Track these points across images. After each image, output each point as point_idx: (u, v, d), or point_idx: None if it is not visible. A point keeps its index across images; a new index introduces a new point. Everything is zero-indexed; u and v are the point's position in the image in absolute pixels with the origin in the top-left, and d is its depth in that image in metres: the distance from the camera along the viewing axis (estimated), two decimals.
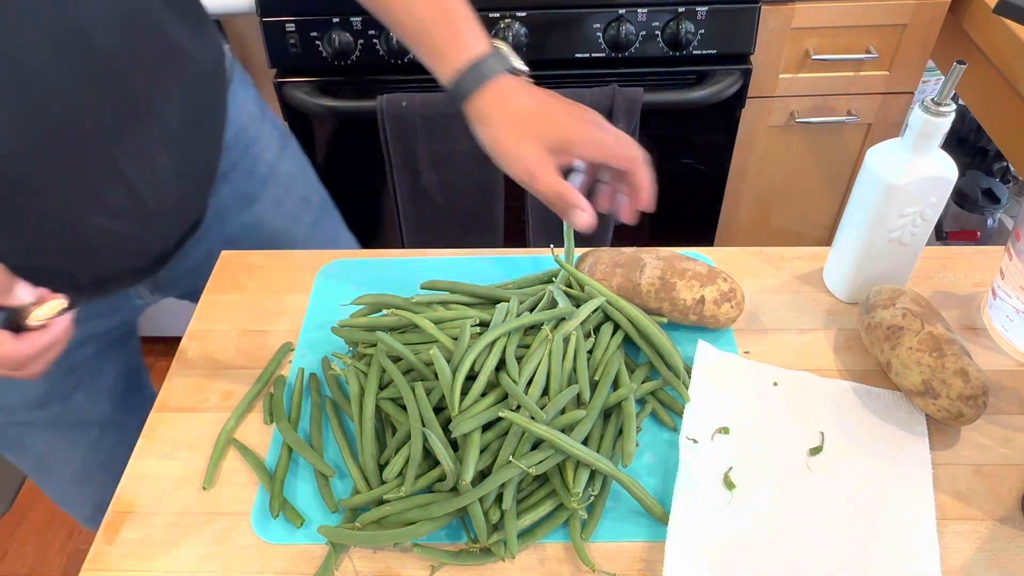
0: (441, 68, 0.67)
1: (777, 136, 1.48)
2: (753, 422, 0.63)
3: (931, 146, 0.62)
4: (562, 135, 0.64)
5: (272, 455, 0.63)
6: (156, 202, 0.71)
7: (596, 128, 0.65)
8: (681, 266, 0.69)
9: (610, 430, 0.61)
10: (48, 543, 1.63)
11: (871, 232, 0.67)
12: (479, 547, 0.55)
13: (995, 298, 0.69)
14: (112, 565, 0.58)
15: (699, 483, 0.59)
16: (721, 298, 0.67)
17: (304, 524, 0.58)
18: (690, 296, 0.67)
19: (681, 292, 0.68)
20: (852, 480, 0.59)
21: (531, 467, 0.55)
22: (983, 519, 0.57)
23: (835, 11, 1.30)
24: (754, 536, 0.56)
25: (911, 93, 1.43)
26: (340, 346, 0.70)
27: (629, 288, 0.69)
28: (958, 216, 1.66)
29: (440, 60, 0.67)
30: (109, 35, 0.62)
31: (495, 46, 0.67)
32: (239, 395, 0.67)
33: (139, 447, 0.65)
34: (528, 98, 0.65)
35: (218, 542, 0.58)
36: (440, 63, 0.67)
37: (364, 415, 0.61)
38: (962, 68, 0.58)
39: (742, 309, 0.69)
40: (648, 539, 0.57)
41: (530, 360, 0.60)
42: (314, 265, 0.79)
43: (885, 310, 0.65)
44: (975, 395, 0.58)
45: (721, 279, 0.68)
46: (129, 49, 0.64)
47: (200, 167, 0.78)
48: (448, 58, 0.66)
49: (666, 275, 0.68)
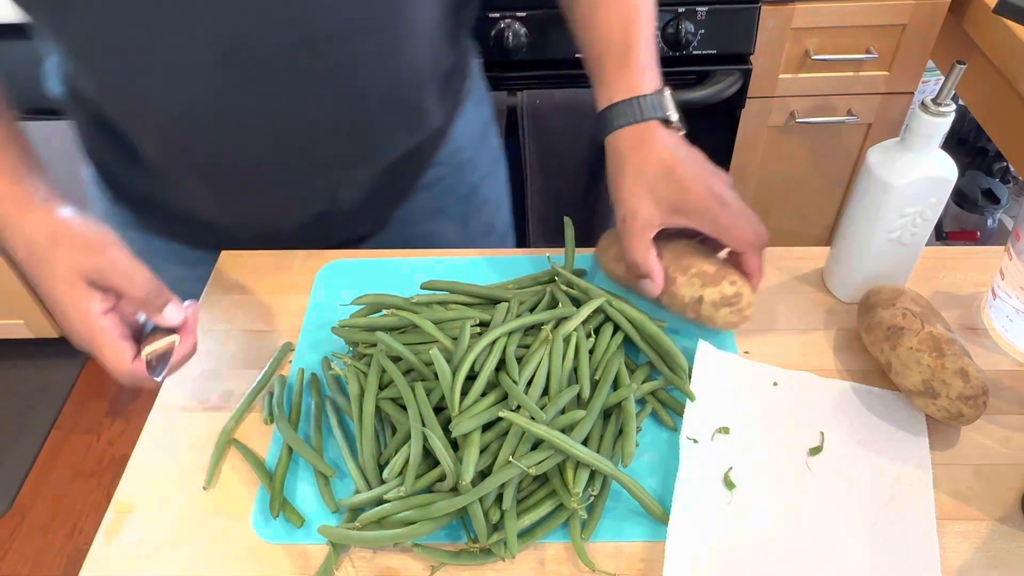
0: (601, 93, 0.67)
1: (777, 136, 1.49)
2: (753, 422, 0.63)
3: (931, 146, 0.62)
4: (679, 202, 0.63)
5: (272, 455, 0.63)
6: (349, 203, 0.78)
7: (716, 203, 0.63)
8: (688, 260, 0.66)
9: (610, 430, 0.61)
10: (48, 543, 1.63)
11: (871, 232, 0.67)
12: (479, 547, 0.55)
13: (995, 298, 0.69)
14: (112, 565, 0.58)
15: (699, 483, 0.59)
16: (721, 301, 0.65)
17: (304, 524, 0.58)
18: (688, 294, 0.66)
19: (680, 288, 0.66)
20: (852, 480, 0.59)
21: (531, 467, 0.55)
22: (983, 519, 0.57)
23: (835, 11, 1.30)
24: (754, 536, 0.56)
25: (911, 93, 1.43)
26: (340, 346, 0.70)
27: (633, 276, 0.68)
28: (958, 216, 1.66)
29: (603, 86, 0.67)
30: (373, 103, 0.69)
31: (659, 89, 0.66)
32: (239, 395, 0.67)
33: (139, 447, 0.65)
34: (664, 151, 0.64)
35: (218, 542, 0.58)
36: (602, 89, 0.67)
37: (364, 415, 0.61)
38: (962, 68, 0.58)
39: (745, 316, 0.66)
40: (648, 539, 0.57)
41: (530, 360, 0.60)
42: (314, 265, 0.79)
43: (885, 310, 0.65)
44: (975, 395, 0.58)
45: (728, 281, 0.65)
46: (386, 117, 0.71)
47: (403, 183, 0.83)
48: (610, 87, 0.66)
49: (669, 268, 0.66)
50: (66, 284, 0.55)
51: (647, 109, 0.65)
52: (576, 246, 0.74)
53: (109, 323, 0.56)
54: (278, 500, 0.59)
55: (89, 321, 0.56)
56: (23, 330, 1.86)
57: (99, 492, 1.72)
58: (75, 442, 1.82)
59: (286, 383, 0.68)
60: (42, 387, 1.94)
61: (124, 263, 0.56)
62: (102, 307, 0.56)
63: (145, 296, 0.56)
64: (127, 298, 0.57)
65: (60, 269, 0.55)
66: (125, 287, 0.56)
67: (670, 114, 0.65)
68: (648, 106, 0.65)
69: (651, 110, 0.65)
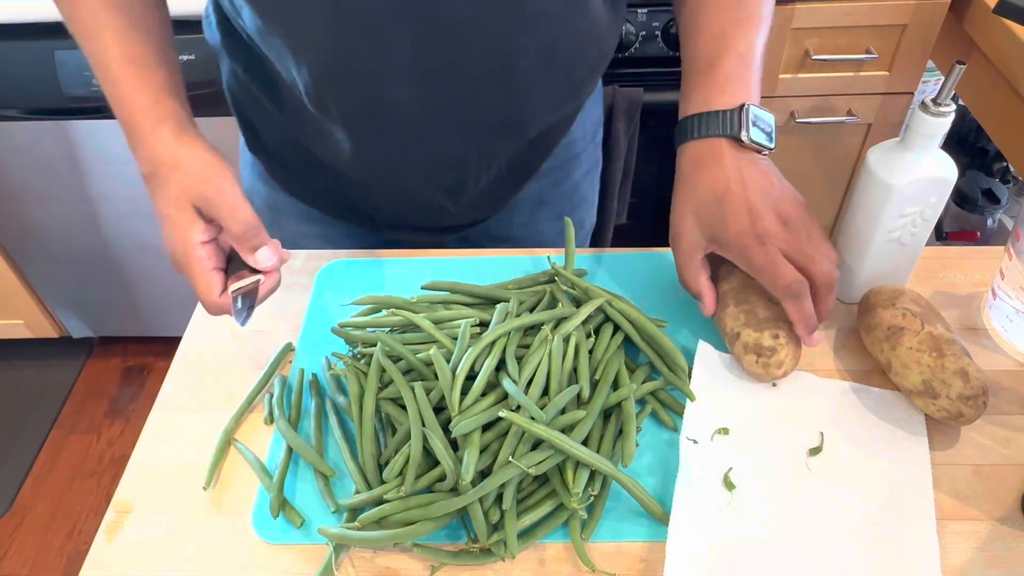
0: (684, 103, 0.65)
1: (777, 136, 1.48)
2: (753, 422, 0.63)
3: (931, 146, 0.62)
4: (718, 232, 0.61)
5: (272, 455, 0.63)
6: (480, 180, 0.78)
7: (753, 241, 0.59)
8: (749, 295, 0.65)
9: (610, 430, 0.61)
10: (48, 543, 1.63)
11: (871, 232, 0.67)
12: (479, 547, 0.55)
13: (995, 298, 0.69)
14: (112, 565, 0.58)
15: (699, 483, 0.59)
16: (754, 348, 0.63)
17: (304, 524, 0.58)
18: (731, 327, 0.65)
19: (727, 318, 0.65)
20: (852, 480, 0.59)
21: (531, 467, 0.55)
22: (983, 519, 0.57)
23: (835, 11, 1.30)
24: (754, 536, 0.56)
25: (911, 93, 1.43)
26: (340, 346, 0.70)
27: None
28: (958, 216, 1.66)
29: (682, 97, 0.65)
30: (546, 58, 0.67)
31: (740, 105, 0.62)
32: (239, 395, 0.67)
33: (139, 447, 0.65)
34: (721, 173, 0.61)
35: (218, 542, 0.58)
36: (681, 99, 0.66)
37: (364, 415, 0.61)
38: (962, 68, 0.58)
39: (773, 375, 0.63)
40: (648, 539, 0.57)
41: (530, 360, 0.60)
42: (314, 265, 0.79)
43: (885, 310, 0.65)
44: (975, 395, 0.58)
45: (771, 333, 0.62)
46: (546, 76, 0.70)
47: (532, 163, 0.83)
48: (687, 99, 0.65)
49: (729, 294, 0.66)
50: (175, 207, 0.58)
51: (715, 125, 0.62)
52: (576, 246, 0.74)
53: (205, 253, 0.59)
54: (278, 500, 0.59)
55: (188, 247, 0.58)
56: (23, 330, 1.86)
57: (99, 492, 1.72)
58: (75, 442, 1.82)
59: (286, 383, 0.68)
60: (42, 387, 1.94)
61: (231, 196, 0.58)
62: (203, 237, 0.58)
63: (243, 232, 0.58)
64: (226, 231, 0.59)
65: (173, 191, 0.58)
66: (226, 219, 0.58)
67: (743, 133, 0.61)
68: (718, 122, 0.62)
69: (720, 127, 0.61)
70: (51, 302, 1.81)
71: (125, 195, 1.54)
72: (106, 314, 1.85)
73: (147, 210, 1.56)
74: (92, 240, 1.63)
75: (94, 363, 1.99)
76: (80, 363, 1.99)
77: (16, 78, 1.35)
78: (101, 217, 1.59)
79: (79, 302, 1.81)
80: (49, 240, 1.64)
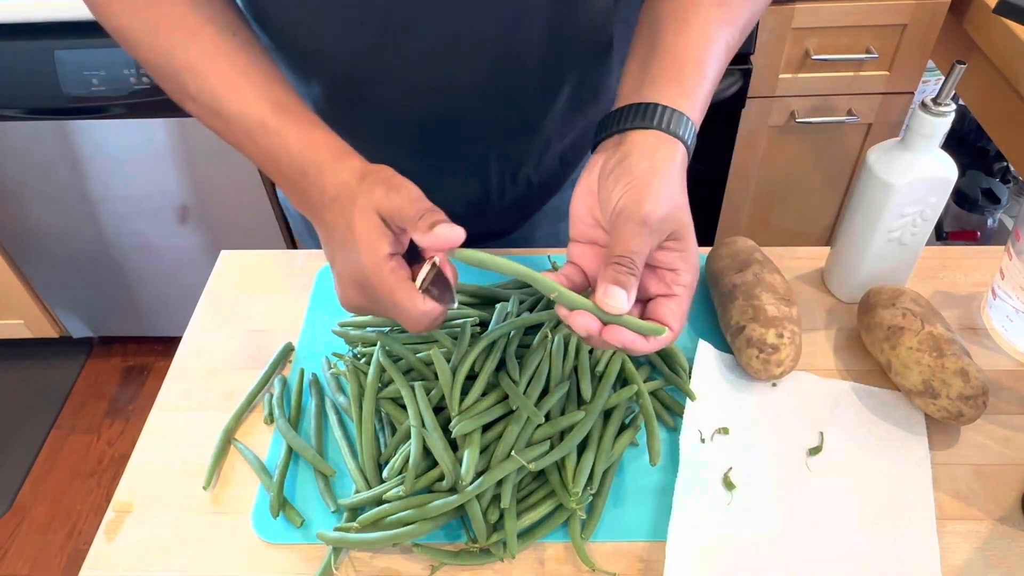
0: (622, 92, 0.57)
1: (777, 136, 1.49)
2: (753, 422, 0.63)
3: (931, 146, 0.62)
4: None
5: (272, 455, 0.63)
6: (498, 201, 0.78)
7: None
8: (760, 291, 0.65)
9: (610, 430, 0.61)
10: (48, 543, 1.63)
11: (871, 232, 0.67)
12: (479, 547, 0.55)
13: (995, 298, 0.69)
14: (112, 565, 0.58)
15: (699, 483, 0.59)
16: (757, 342, 0.63)
17: (304, 524, 0.58)
18: (735, 318, 0.65)
19: (734, 311, 0.66)
20: (852, 480, 0.59)
21: (530, 462, 0.55)
22: (983, 519, 0.57)
23: (835, 11, 1.30)
24: (754, 536, 0.56)
25: (911, 93, 1.43)
26: (340, 346, 0.70)
27: None
28: (958, 216, 1.66)
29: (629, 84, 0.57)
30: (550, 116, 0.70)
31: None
32: (239, 395, 0.67)
33: (139, 447, 0.65)
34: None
35: (218, 542, 0.58)
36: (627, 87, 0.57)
37: (364, 415, 0.61)
38: (962, 68, 0.58)
39: (772, 373, 0.63)
40: (648, 539, 0.57)
41: (530, 360, 0.60)
42: (314, 265, 0.79)
43: (885, 310, 0.65)
44: (975, 395, 0.58)
45: (777, 331, 0.63)
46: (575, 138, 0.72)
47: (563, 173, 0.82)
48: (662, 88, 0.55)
49: (739, 288, 0.66)
50: (361, 218, 0.52)
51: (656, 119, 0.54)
52: None
53: (396, 263, 0.53)
54: (278, 500, 0.59)
55: (378, 262, 0.52)
56: (23, 330, 1.86)
57: (99, 492, 1.72)
58: (75, 442, 1.82)
59: (286, 383, 0.68)
60: (42, 387, 1.94)
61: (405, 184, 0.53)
62: (390, 249, 0.52)
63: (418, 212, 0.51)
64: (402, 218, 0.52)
65: (359, 203, 0.52)
66: (404, 206, 0.52)
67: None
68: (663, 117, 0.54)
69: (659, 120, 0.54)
70: (51, 302, 1.81)
71: (125, 195, 1.54)
72: (106, 314, 1.85)
73: (147, 210, 1.57)
74: (92, 240, 1.63)
75: (94, 363, 1.98)
76: (80, 363, 1.99)
77: (16, 78, 1.35)
78: (101, 217, 1.59)
79: (79, 302, 1.81)
80: (49, 240, 1.64)
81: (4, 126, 1.41)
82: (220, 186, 1.53)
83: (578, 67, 0.70)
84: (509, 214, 0.83)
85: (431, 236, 0.50)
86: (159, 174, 1.50)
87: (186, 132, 1.43)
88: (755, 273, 0.67)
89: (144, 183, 1.52)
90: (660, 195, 0.49)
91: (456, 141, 0.71)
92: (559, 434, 0.58)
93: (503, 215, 0.83)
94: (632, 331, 0.48)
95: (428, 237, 0.50)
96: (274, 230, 1.61)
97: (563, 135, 0.76)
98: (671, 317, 0.50)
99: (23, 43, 1.31)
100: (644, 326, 0.48)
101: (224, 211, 1.58)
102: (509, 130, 0.72)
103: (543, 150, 0.76)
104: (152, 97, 1.36)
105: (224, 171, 1.49)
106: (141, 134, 1.43)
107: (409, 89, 0.65)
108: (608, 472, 0.59)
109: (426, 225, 0.51)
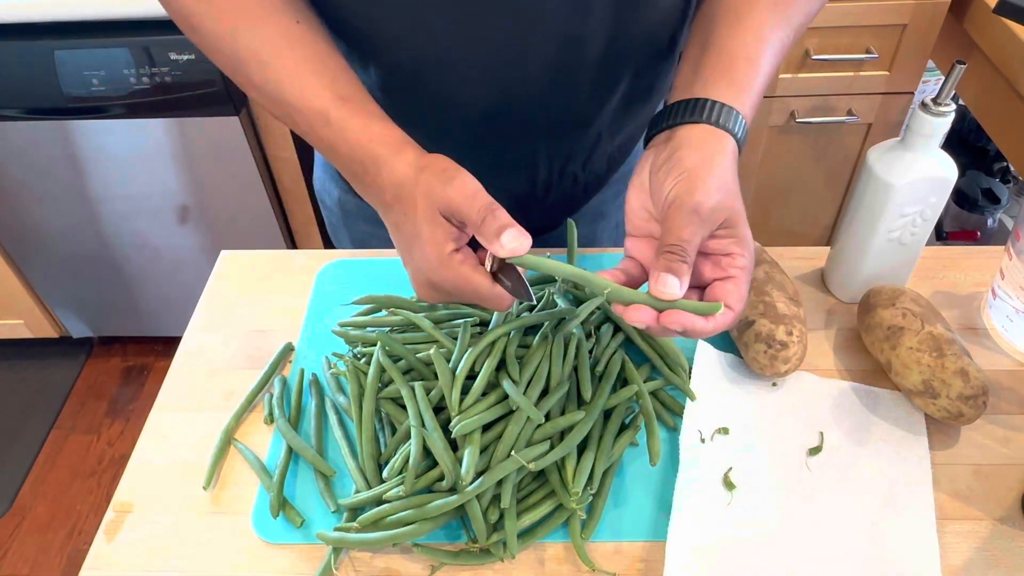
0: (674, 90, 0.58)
1: (777, 136, 1.49)
2: (753, 422, 0.63)
3: (931, 146, 0.62)
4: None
5: (272, 455, 0.63)
6: (544, 196, 0.78)
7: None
8: (771, 288, 0.65)
9: (610, 430, 0.61)
10: (48, 543, 1.63)
11: (871, 232, 0.67)
12: (479, 547, 0.55)
13: (995, 298, 0.69)
14: (112, 565, 0.58)
15: (699, 483, 0.59)
16: (766, 338, 0.63)
17: (304, 524, 0.58)
18: (747, 313, 0.65)
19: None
20: (852, 480, 0.59)
21: (530, 462, 0.55)
22: (983, 519, 0.57)
23: (835, 11, 1.30)
24: (754, 536, 0.56)
25: (911, 93, 1.43)
26: (340, 346, 0.70)
27: None
28: (958, 216, 1.66)
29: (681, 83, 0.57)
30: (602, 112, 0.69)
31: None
32: (239, 395, 0.67)
33: (139, 447, 0.65)
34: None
35: (218, 542, 0.58)
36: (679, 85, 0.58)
37: (364, 415, 0.61)
38: (962, 68, 0.58)
39: (779, 370, 0.63)
40: (648, 539, 0.57)
41: (530, 360, 0.60)
42: (314, 265, 0.79)
43: (885, 310, 0.65)
44: (975, 395, 0.58)
45: (786, 329, 0.62)
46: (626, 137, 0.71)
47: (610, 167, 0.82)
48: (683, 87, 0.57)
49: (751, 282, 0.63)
50: (424, 216, 0.53)
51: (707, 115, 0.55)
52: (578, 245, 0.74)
53: (462, 256, 0.53)
54: (278, 500, 0.59)
55: (443, 257, 0.53)
56: (23, 330, 1.86)
57: (99, 492, 1.72)
58: (75, 442, 1.82)
59: (286, 383, 0.68)
60: (42, 387, 1.94)
61: (469, 185, 0.52)
62: (454, 245, 0.53)
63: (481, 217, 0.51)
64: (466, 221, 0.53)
65: (420, 201, 0.53)
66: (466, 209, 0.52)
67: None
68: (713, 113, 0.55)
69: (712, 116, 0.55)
70: (51, 302, 1.81)
71: (125, 195, 1.54)
72: (106, 314, 1.85)
73: (147, 210, 1.57)
74: (92, 240, 1.63)
75: (94, 363, 1.98)
76: (80, 363, 1.99)
77: (16, 78, 1.35)
78: (101, 217, 1.59)
79: (79, 302, 1.81)
80: (49, 240, 1.64)
81: (4, 126, 1.41)
82: (220, 186, 1.53)
83: (637, 66, 0.70)
84: (552, 211, 0.83)
85: (497, 245, 0.51)
86: (159, 174, 1.50)
87: (186, 132, 1.43)
88: (766, 271, 0.67)
89: (144, 183, 1.52)
90: (710, 185, 0.50)
91: (508, 134, 0.71)
92: (559, 434, 0.58)
93: (547, 212, 0.82)
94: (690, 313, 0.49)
95: (495, 246, 0.51)
96: (274, 230, 1.61)
97: (614, 133, 0.76)
98: (730, 297, 0.50)
99: (23, 43, 1.31)
100: (700, 306, 0.49)
101: (224, 211, 1.58)
102: (562, 124, 0.71)
103: (593, 147, 0.76)
104: (152, 97, 1.36)
105: (224, 171, 1.49)
106: (141, 134, 1.43)
107: (467, 79, 0.64)
108: (608, 472, 0.59)
109: (491, 232, 0.51)
